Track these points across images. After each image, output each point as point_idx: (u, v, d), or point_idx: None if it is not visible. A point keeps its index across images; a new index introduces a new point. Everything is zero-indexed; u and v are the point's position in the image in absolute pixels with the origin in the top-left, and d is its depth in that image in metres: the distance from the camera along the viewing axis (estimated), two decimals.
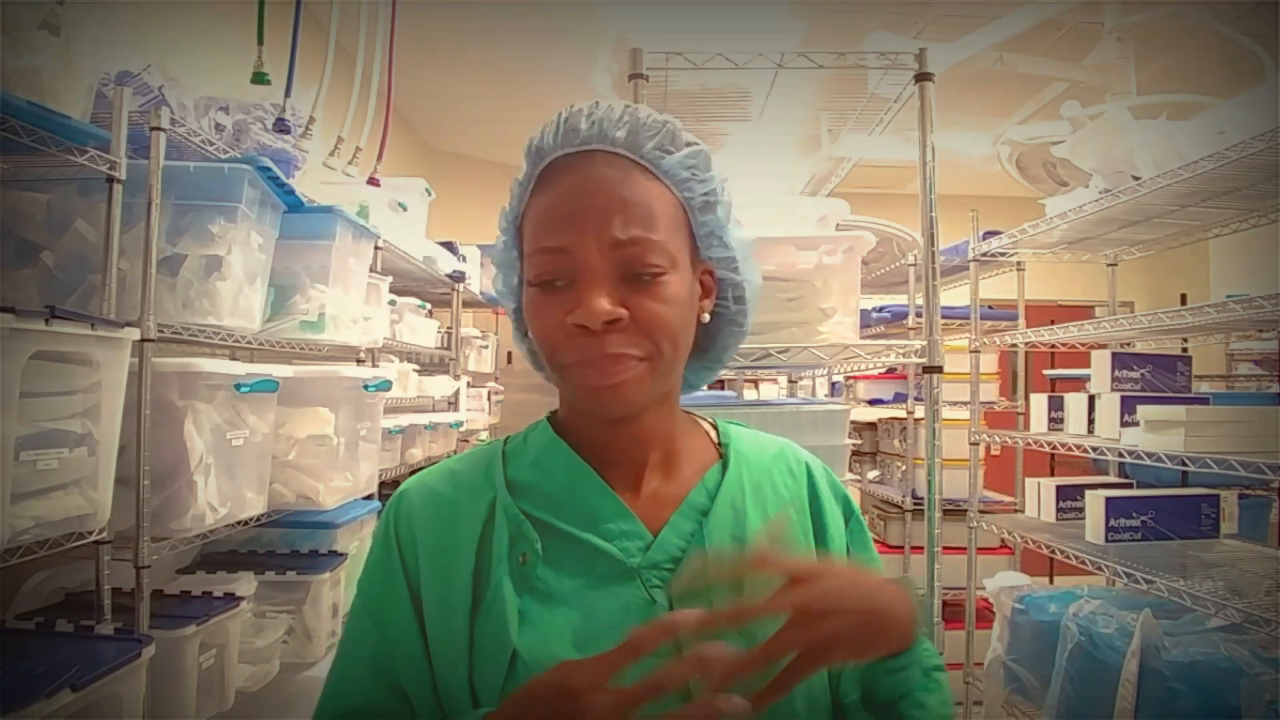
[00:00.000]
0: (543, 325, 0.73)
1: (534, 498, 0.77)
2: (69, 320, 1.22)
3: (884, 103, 2.10)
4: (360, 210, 2.32)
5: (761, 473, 0.82)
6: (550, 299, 0.72)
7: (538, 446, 0.81)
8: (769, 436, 0.89)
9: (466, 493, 0.78)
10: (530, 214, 0.76)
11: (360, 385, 2.08)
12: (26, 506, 1.20)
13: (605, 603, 0.72)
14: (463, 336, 3.66)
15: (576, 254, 0.71)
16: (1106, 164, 2.12)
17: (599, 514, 0.75)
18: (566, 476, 0.78)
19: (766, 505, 0.80)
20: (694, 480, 0.80)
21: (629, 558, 0.74)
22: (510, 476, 0.79)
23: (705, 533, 0.76)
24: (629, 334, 0.71)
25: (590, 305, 0.69)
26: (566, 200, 0.72)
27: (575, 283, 0.71)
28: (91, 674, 1.21)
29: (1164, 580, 1.79)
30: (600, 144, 0.74)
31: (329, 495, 1.91)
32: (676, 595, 0.71)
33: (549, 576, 0.73)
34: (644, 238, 0.71)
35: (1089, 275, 4.04)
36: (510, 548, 0.74)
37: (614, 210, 0.71)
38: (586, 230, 0.71)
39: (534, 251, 0.74)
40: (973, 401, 2.79)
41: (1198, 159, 1.75)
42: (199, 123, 1.78)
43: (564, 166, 0.74)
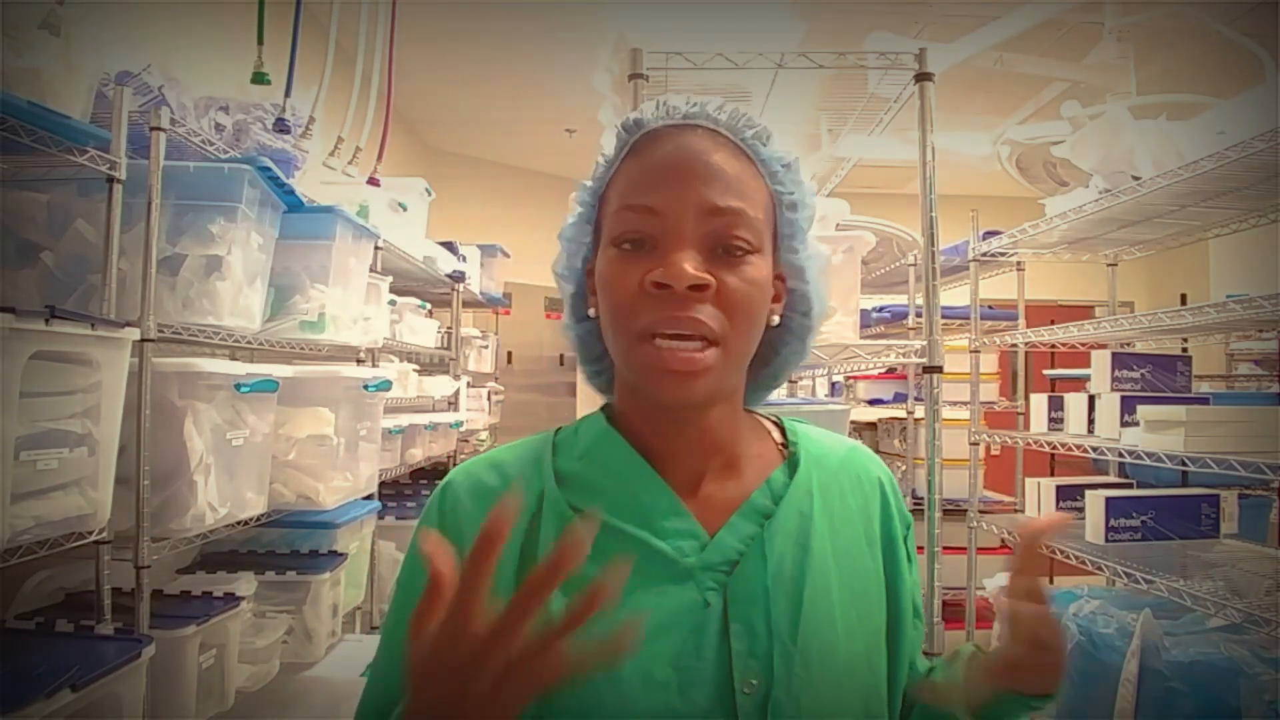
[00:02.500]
0: (620, 286, 0.69)
1: (584, 491, 0.74)
2: (69, 320, 1.22)
3: (884, 103, 2.10)
4: (360, 210, 2.33)
5: (830, 476, 0.78)
6: (631, 260, 0.69)
7: (589, 438, 0.78)
8: (837, 437, 0.84)
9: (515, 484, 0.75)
10: (618, 179, 0.73)
11: (360, 385, 2.08)
12: (26, 506, 1.20)
13: (656, 604, 0.68)
14: (463, 336, 3.66)
15: (667, 215, 0.68)
16: (1106, 164, 2.12)
17: (653, 511, 0.72)
18: (620, 470, 0.74)
19: (834, 512, 0.76)
20: (756, 482, 0.76)
21: (683, 557, 0.70)
22: (559, 468, 0.75)
23: (767, 537, 0.71)
24: (710, 306, 0.67)
25: (677, 265, 0.66)
26: (663, 162, 0.70)
27: (660, 245, 0.68)
28: (91, 674, 1.21)
29: (1164, 580, 1.79)
30: (701, 120, 0.72)
31: (329, 495, 1.91)
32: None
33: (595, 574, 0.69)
34: (740, 209, 0.69)
35: (1089, 275, 4.04)
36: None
37: (713, 178, 0.69)
38: (683, 192, 0.68)
39: (620, 209, 0.71)
40: (973, 401, 2.80)
41: (1198, 159, 1.75)
42: (199, 123, 1.78)
43: (662, 136, 0.72)
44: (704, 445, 0.75)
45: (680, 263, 0.66)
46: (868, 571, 0.75)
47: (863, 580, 0.74)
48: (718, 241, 0.68)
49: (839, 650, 0.69)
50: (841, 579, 0.72)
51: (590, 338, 0.81)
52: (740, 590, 0.68)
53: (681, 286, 0.66)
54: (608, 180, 0.75)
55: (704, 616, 0.68)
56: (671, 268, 0.66)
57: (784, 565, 0.70)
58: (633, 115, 0.74)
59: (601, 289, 0.72)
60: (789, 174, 0.75)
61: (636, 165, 0.72)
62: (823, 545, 0.72)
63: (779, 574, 0.70)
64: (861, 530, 0.77)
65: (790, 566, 0.70)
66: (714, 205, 0.68)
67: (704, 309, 0.67)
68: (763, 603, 0.68)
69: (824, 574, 0.71)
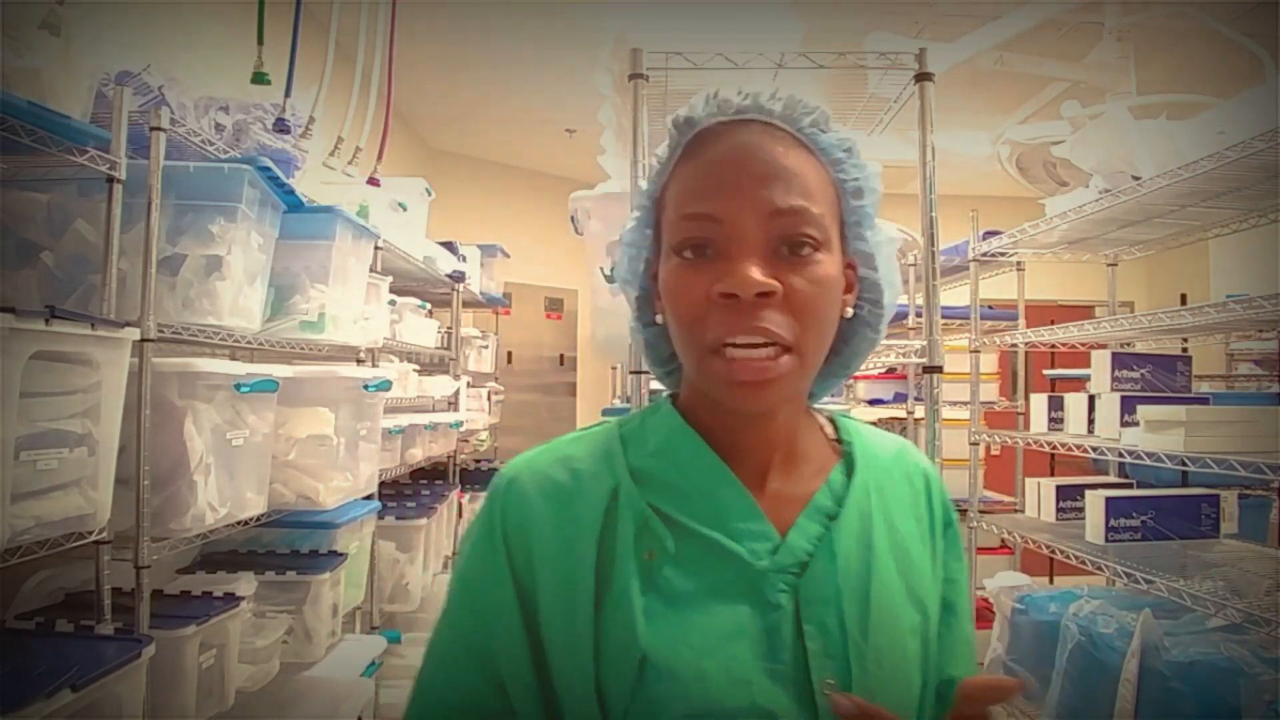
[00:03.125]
0: (685, 297, 0.67)
1: (658, 489, 0.71)
2: (69, 320, 1.22)
3: (884, 103, 2.10)
4: (360, 210, 2.33)
5: (884, 475, 0.77)
6: (695, 269, 0.67)
7: (660, 433, 0.75)
8: (886, 435, 0.83)
9: (587, 480, 0.72)
10: (675, 183, 0.71)
11: (360, 385, 2.08)
12: (26, 506, 1.20)
13: (728, 606, 0.67)
14: (463, 336, 3.66)
15: (728, 222, 0.66)
16: (1106, 164, 2.12)
17: (729, 512, 0.70)
18: (696, 469, 0.72)
19: (889, 511, 0.75)
20: (815, 480, 0.75)
21: (756, 560, 0.69)
22: (632, 465, 0.73)
23: (833, 538, 0.71)
24: (779, 312, 0.65)
25: (742, 273, 0.64)
26: (720, 165, 0.68)
27: (724, 252, 0.66)
28: (91, 674, 1.21)
29: (1164, 580, 1.79)
30: (755, 114, 0.71)
31: (329, 495, 1.91)
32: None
33: (673, 575, 0.68)
34: (804, 208, 0.67)
35: (1089, 275, 4.04)
36: (635, 542, 0.69)
37: (773, 177, 0.67)
38: (742, 197, 0.66)
39: (680, 218, 0.69)
40: (973, 401, 2.80)
41: (1198, 159, 1.75)
42: (199, 123, 1.78)
43: (716, 134, 0.70)
44: (770, 441, 0.74)
45: (745, 270, 0.64)
46: (923, 569, 0.75)
47: (919, 578, 0.74)
48: (782, 242, 0.66)
49: (905, 648, 0.69)
50: (901, 578, 0.72)
51: (659, 341, 0.79)
52: (812, 591, 0.68)
53: (748, 295, 0.64)
54: (664, 182, 0.73)
55: (777, 618, 0.67)
56: (735, 276, 0.64)
57: (851, 565, 0.70)
58: (684, 113, 0.72)
59: (667, 298, 0.70)
60: (851, 159, 0.73)
61: (692, 169, 0.70)
62: (882, 544, 0.72)
63: (847, 574, 0.69)
64: (914, 527, 0.77)
65: (856, 566, 0.70)
66: (776, 207, 0.66)
67: (772, 316, 0.65)
68: (835, 603, 0.68)
69: (887, 573, 0.71)
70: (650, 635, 0.65)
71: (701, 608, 0.67)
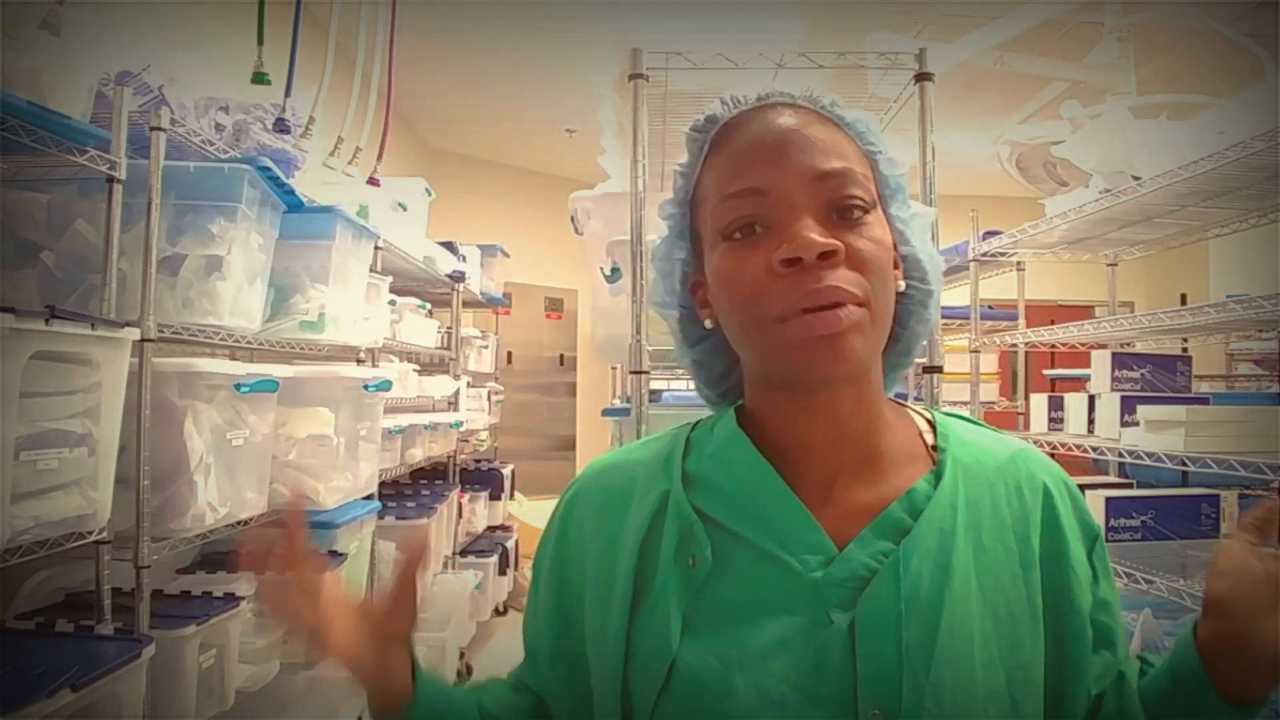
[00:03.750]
0: (743, 277, 0.64)
1: (710, 494, 0.69)
2: (69, 320, 1.22)
3: (884, 103, 2.10)
4: (360, 210, 2.33)
5: (982, 487, 0.69)
6: (747, 249, 0.65)
7: (719, 438, 0.73)
8: (1001, 438, 0.75)
9: (641, 483, 0.72)
10: (709, 176, 0.69)
11: (360, 385, 2.08)
12: (26, 506, 1.20)
13: (776, 619, 0.63)
14: (463, 336, 3.66)
15: (776, 192, 0.64)
16: (1106, 164, 2.12)
17: (778, 519, 0.67)
18: (746, 474, 0.69)
19: (982, 529, 0.67)
20: (898, 489, 0.68)
21: (808, 571, 0.64)
22: (688, 468, 0.72)
23: (903, 555, 0.64)
24: (845, 270, 0.62)
25: (802, 235, 0.62)
26: (756, 142, 0.67)
27: (776, 225, 0.64)
28: (91, 674, 1.21)
29: (1164, 580, 1.79)
30: (776, 98, 0.70)
31: (329, 495, 1.91)
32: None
33: (719, 583, 0.65)
34: (848, 169, 0.65)
35: (1089, 275, 4.04)
36: (678, 548, 0.67)
37: (811, 144, 0.65)
38: (785, 165, 0.64)
39: (724, 200, 0.66)
40: (973, 401, 2.79)
41: (1198, 159, 1.75)
42: (199, 123, 1.78)
43: (743, 121, 0.69)
44: (840, 437, 0.68)
45: (803, 232, 0.62)
46: (1018, 598, 0.66)
47: (1010, 608, 0.65)
48: (832, 206, 0.64)
49: (975, 685, 0.61)
50: (985, 606, 0.64)
51: (710, 357, 0.77)
52: (870, 611, 0.62)
53: (812, 256, 0.61)
54: (693, 183, 0.72)
55: (828, 635, 0.62)
56: (796, 239, 0.62)
57: (920, 587, 0.63)
58: (700, 118, 0.71)
59: (723, 286, 0.67)
60: (873, 133, 0.72)
61: (725, 156, 0.68)
62: (965, 566, 0.65)
63: (914, 597, 0.63)
64: (1016, 549, 0.67)
65: (927, 589, 0.63)
66: (820, 170, 0.64)
67: (839, 273, 0.62)
68: (894, 627, 0.62)
69: (965, 599, 0.63)
70: (685, 644, 0.64)
71: (744, 619, 0.64)
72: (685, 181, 0.72)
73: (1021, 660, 0.64)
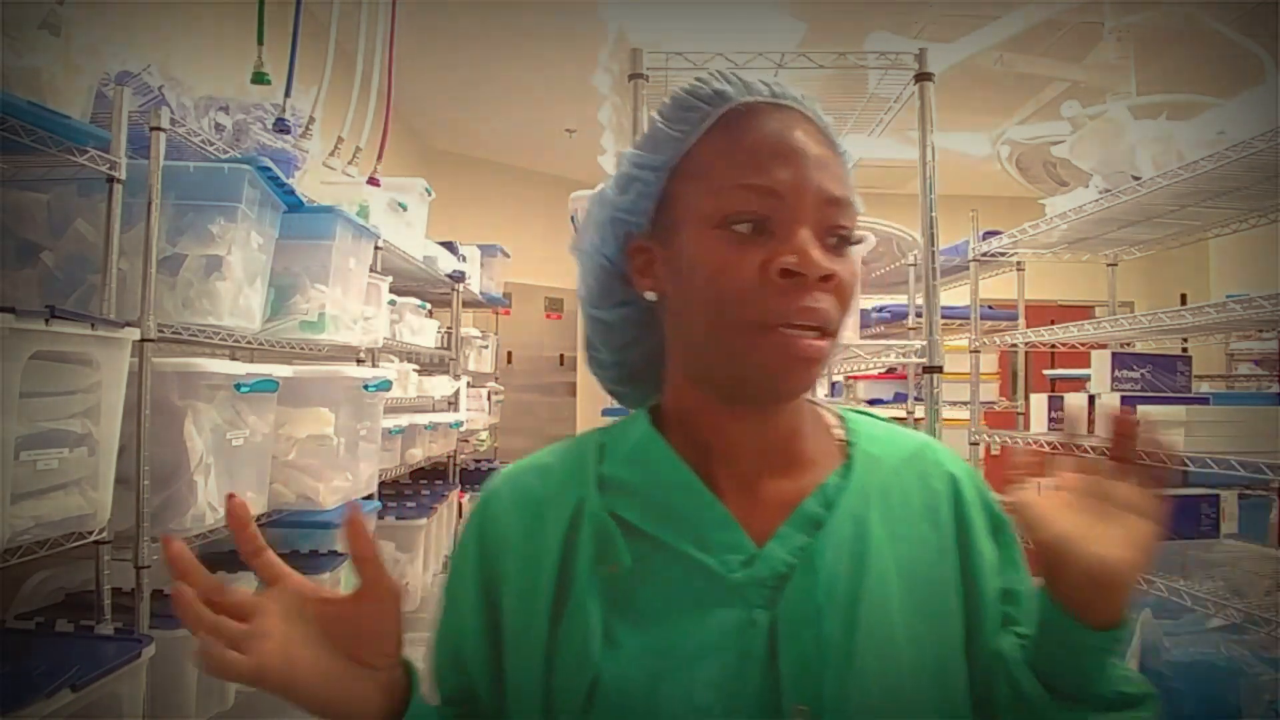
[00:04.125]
0: (734, 273, 0.63)
1: (627, 499, 0.68)
2: (69, 320, 1.22)
3: (884, 103, 2.10)
4: (360, 210, 2.33)
5: (891, 477, 0.71)
6: (745, 245, 0.63)
7: (632, 440, 0.72)
8: (906, 433, 0.77)
9: (555, 491, 0.70)
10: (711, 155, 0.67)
11: (360, 385, 2.08)
12: (26, 506, 1.20)
13: (698, 622, 0.63)
14: (463, 336, 3.66)
15: (792, 200, 0.64)
16: (1106, 164, 2.12)
17: (697, 521, 0.66)
18: (664, 476, 0.69)
19: (894, 517, 0.69)
20: (812, 484, 0.69)
21: (729, 572, 0.64)
22: (604, 473, 0.70)
23: (818, 548, 0.65)
24: (830, 296, 0.64)
25: (813, 254, 0.62)
26: (778, 143, 0.65)
27: (779, 231, 0.63)
28: (91, 674, 1.21)
29: (1164, 580, 1.78)
30: (790, 101, 0.69)
31: (329, 495, 1.91)
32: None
33: (639, 590, 0.64)
34: (851, 201, 0.67)
35: (1089, 275, 4.04)
36: (597, 556, 0.66)
37: (825, 164, 0.66)
38: (805, 177, 0.64)
39: (737, 187, 0.64)
40: (973, 401, 2.79)
41: (1198, 159, 1.75)
42: (199, 123, 1.78)
43: (757, 112, 0.67)
44: (767, 441, 0.69)
45: (811, 250, 0.62)
46: (939, 580, 0.68)
47: (931, 589, 0.67)
48: (829, 231, 0.65)
49: (903, 668, 0.63)
50: (905, 590, 0.66)
51: (624, 325, 0.75)
52: (790, 608, 0.63)
53: (814, 275, 0.62)
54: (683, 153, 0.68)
55: (751, 636, 0.62)
56: (804, 254, 0.62)
57: (837, 579, 0.64)
58: (707, 87, 0.68)
59: (705, 275, 0.64)
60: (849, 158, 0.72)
61: (741, 141, 0.66)
62: (880, 554, 0.66)
63: (831, 589, 0.63)
64: (930, 534, 0.69)
65: (844, 580, 0.64)
66: (832, 195, 0.65)
67: (827, 299, 0.63)
68: (814, 622, 0.62)
69: (883, 586, 0.65)
70: (606, 655, 0.62)
71: (666, 625, 0.63)
72: (676, 147, 0.69)
73: (949, 636, 0.66)
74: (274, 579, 0.64)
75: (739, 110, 0.68)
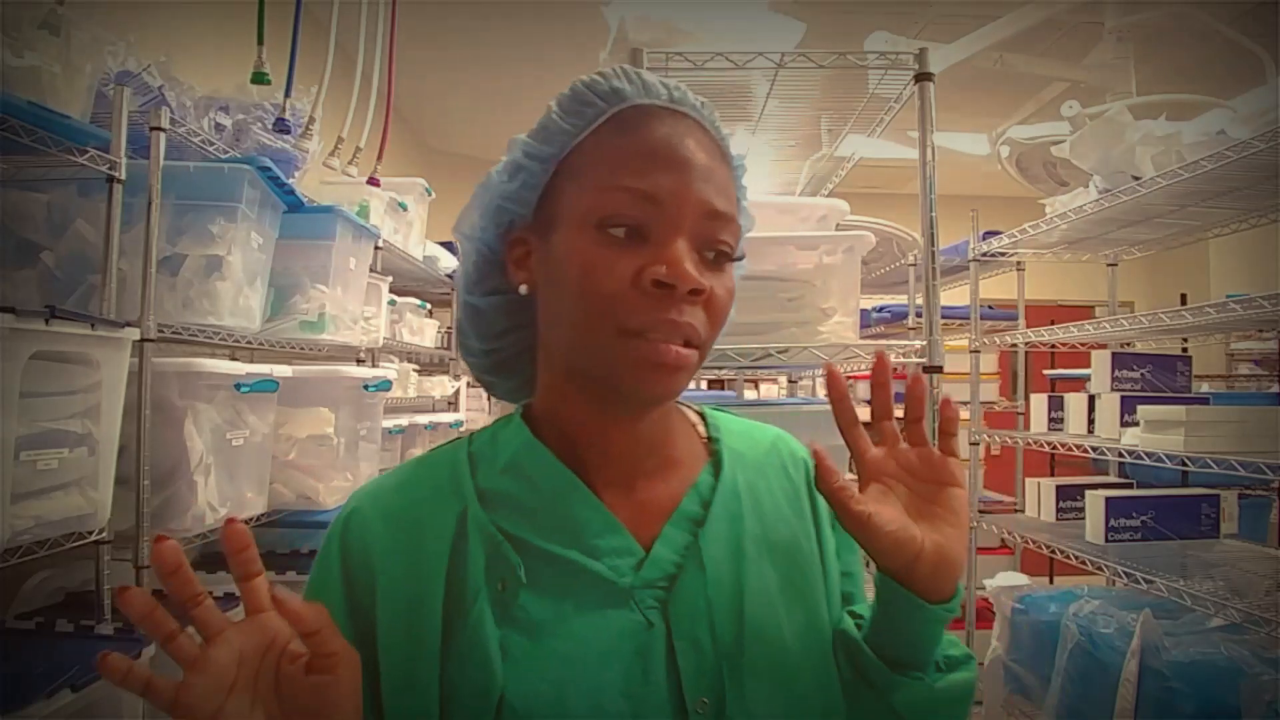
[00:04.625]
0: (604, 277, 0.62)
1: (508, 511, 0.67)
2: (69, 320, 1.22)
3: (884, 103, 2.10)
4: (360, 210, 2.33)
5: (756, 471, 0.73)
6: (617, 248, 0.62)
7: (510, 449, 0.70)
8: (760, 426, 0.79)
9: (429, 507, 0.67)
10: (597, 153, 0.66)
11: (360, 385, 2.08)
12: (26, 506, 1.20)
13: (596, 630, 0.63)
14: None
15: (671, 208, 0.63)
16: (1106, 164, 2.12)
17: (584, 528, 0.66)
18: (546, 485, 0.68)
19: (763, 509, 0.71)
20: (685, 483, 0.71)
21: (620, 577, 0.65)
22: (481, 485, 0.68)
23: (702, 545, 0.67)
24: (701, 311, 0.64)
25: (686, 267, 0.61)
26: (665, 148, 0.64)
27: (655, 239, 0.63)
28: (91, 674, 1.20)
29: (1164, 580, 1.79)
30: (687, 108, 0.68)
31: (329, 495, 1.91)
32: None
33: (531, 603, 0.63)
34: (732, 215, 0.66)
35: (1089, 275, 4.04)
36: (487, 572, 0.64)
37: (710, 176, 0.65)
38: (688, 187, 0.63)
39: (613, 189, 0.63)
40: (973, 401, 2.80)
41: (1198, 159, 1.75)
42: (199, 123, 1.78)
43: (650, 116, 0.66)
44: (639, 445, 0.70)
45: (684, 263, 0.62)
46: (809, 565, 0.71)
47: (804, 575, 0.70)
48: (708, 245, 0.65)
49: (790, 654, 0.66)
50: (782, 579, 0.68)
51: (498, 313, 0.74)
52: (681, 606, 0.64)
53: (684, 289, 0.62)
54: (570, 147, 0.67)
55: (648, 638, 0.63)
56: (677, 267, 0.61)
57: (722, 574, 0.66)
58: (605, 83, 0.67)
59: (577, 276, 0.63)
60: (743, 171, 0.72)
61: (627, 143, 0.65)
62: (757, 546, 0.69)
63: (718, 584, 0.66)
64: (796, 521, 0.72)
65: (728, 574, 0.66)
66: (714, 208, 0.64)
67: (696, 313, 0.63)
68: (705, 616, 0.64)
69: (761, 577, 0.67)
70: (508, 673, 0.61)
71: (565, 636, 0.62)
72: (565, 140, 0.67)
73: (822, 620, 0.69)
74: (254, 609, 0.56)
75: (633, 111, 0.66)
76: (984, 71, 3.22)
